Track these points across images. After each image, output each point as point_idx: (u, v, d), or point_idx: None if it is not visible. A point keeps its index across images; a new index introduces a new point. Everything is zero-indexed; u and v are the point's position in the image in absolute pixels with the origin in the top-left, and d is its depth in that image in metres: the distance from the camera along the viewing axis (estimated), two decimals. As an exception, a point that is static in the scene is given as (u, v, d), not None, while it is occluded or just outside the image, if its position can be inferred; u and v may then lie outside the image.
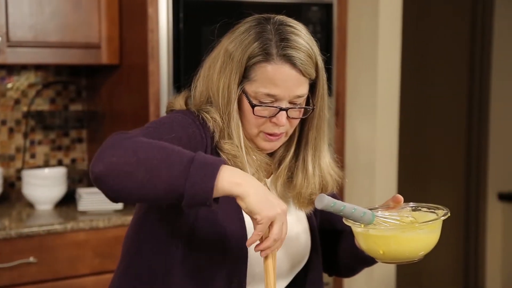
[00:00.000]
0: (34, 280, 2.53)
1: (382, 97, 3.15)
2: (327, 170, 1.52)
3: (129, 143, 1.26)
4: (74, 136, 3.18)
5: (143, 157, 1.23)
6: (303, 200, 1.49)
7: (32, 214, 2.73)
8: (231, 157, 1.41)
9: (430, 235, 1.37)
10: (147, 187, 1.23)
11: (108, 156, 1.26)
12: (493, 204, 4.26)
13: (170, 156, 1.24)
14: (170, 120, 1.41)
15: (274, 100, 1.41)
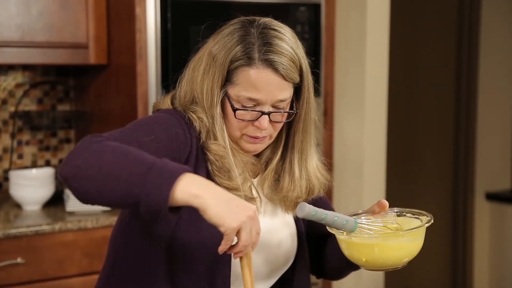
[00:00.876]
0: (22, 281, 2.52)
1: (370, 97, 3.16)
2: (314, 173, 1.52)
3: (97, 147, 1.25)
4: (62, 136, 3.17)
5: (106, 162, 1.23)
6: (289, 203, 1.49)
7: (20, 214, 2.72)
8: (219, 158, 1.41)
9: (413, 243, 1.36)
10: (106, 193, 1.23)
11: (74, 159, 1.25)
12: (480, 204, 4.28)
13: (131, 162, 1.22)
14: (152, 120, 1.40)
15: (256, 104, 1.41)
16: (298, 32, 2.99)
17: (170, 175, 1.20)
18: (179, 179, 1.20)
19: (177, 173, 1.21)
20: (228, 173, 1.41)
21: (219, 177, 1.41)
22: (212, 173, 1.41)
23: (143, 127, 1.37)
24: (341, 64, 3.18)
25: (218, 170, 1.41)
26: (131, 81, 2.69)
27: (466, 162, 4.28)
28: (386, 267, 1.38)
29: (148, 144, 1.32)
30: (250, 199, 1.44)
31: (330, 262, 1.59)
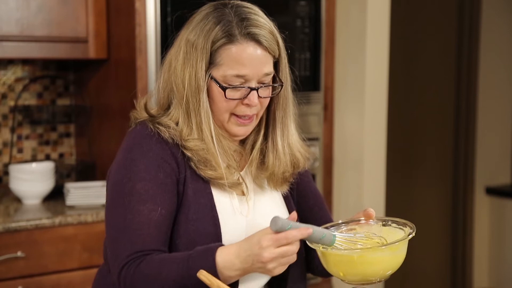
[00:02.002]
0: (22, 275, 2.52)
1: (371, 91, 3.16)
2: (297, 148, 1.53)
3: (140, 285, 1.34)
4: (62, 130, 3.17)
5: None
6: (277, 179, 1.51)
7: (20, 208, 2.72)
8: (195, 153, 1.41)
9: (393, 256, 1.34)
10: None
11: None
12: (480, 199, 4.29)
13: None
14: (138, 178, 1.40)
15: (244, 81, 1.42)
16: (298, 26, 2.99)
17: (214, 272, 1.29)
18: (222, 275, 1.31)
19: (213, 270, 1.30)
20: (209, 163, 1.42)
21: (203, 170, 1.42)
22: (195, 167, 1.42)
23: (140, 199, 1.38)
24: (341, 59, 3.18)
25: (199, 163, 1.42)
26: (131, 75, 2.68)
27: (466, 157, 4.28)
28: (365, 281, 1.37)
29: (160, 217, 1.38)
30: (237, 184, 1.45)
31: (315, 264, 1.58)
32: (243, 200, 1.48)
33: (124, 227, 1.37)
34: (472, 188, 4.27)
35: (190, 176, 1.42)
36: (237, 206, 1.46)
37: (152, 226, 1.36)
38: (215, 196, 1.44)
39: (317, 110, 3.10)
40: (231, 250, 1.32)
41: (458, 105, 4.27)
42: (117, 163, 1.44)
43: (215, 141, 1.43)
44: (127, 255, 1.35)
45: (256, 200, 1.50)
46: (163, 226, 1.37)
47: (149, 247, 1.35)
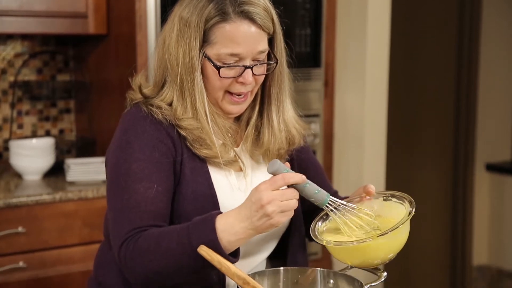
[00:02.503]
0: (23, 250, 2.53)
1: (371, 68, 3.15)
2: (292, 124, 1.53)
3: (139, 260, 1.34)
4: (62, 106, 3.17)
5: (158, 271, 1.33)
6: (272, 156, 1.51)
7: (20, 184, 2.73)
8: (190, 132, 1.41)
9: (393, 240, 1.34)
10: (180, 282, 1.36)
11: (136, 277, 1.37)
12: (480, 175, 4.29)
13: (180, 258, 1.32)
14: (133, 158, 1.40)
15: (238, 59, 1.41)
16: (299, 2, 2.97)
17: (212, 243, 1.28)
18: (221, 241, 1.29)
19: (214, 238, 1.29)
20: (204, 142, 1.42)
21: (198, 148, 1.42)
22: (191, 146, 1.42)
23: (135, 177, 1.38)
24: (342, 35, 3.16)
25: (194, 142, 1.42)
26: (131, 51, 2.67)
27: (466, 133, 4.28)
28: (368, 265, 1.37)
29: (157, 194, 1.38)
30: (233, 162, 1.45)
31: None
32: (240, 176, 1.48)
33: (121, 207, 1.38)
34: (472, 164, 4.28)
35: (187, 156, 1.42)
36: (234, 182, 1.46)
37: (149, 203, 1.36)
38: (212, 174, 1.44)
39: (317, 87, 3.09)
40: (230, 213, 1.33)
41: (459, 82, 4.25)
42: (113, 145, 1.44)
43: (209, 120, 1.42)
44: (125, 233, 1.35)
45: (253, 175, 1.50)
46: (160, 203, 1.37)
47: (147, 223, 1.36)
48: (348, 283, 1.33)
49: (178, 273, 1.33)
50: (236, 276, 1.25)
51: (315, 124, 3.11)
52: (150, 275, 1.34)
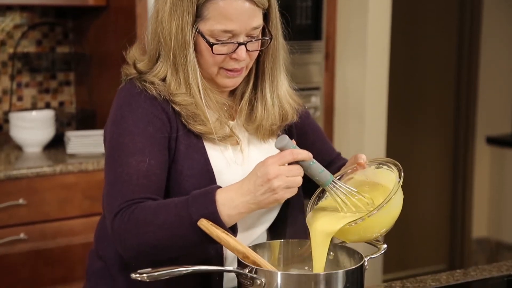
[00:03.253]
0: (24, 222, 2.54)
1: (373, 41, 3.13)
2: (286, 99, 1.51)
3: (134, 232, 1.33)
4: (62, 78, 3.16)
5: (154, 243, 1.32)
6: (264, 131, 1.50)
7: (21, 156, 2.73)
8: (184, 108, 1.40)
9: (385, 214, 1.33)
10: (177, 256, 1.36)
11: (128, 250, 1.36)
12: (481, 148, 4.29)
13: (176, 231, 1.31)
14: (127, 133, 1.39)
15: (231, 36, 1.39)
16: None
17: (213, 216, 1.28)
18: (220, 214, 1.28)
19: (214, 211, 1.28)
20: (198, 118, 1.41)
21: (192, 124, 1.41)
22: (185, 122, 1.41)
23: (128, 151, 1.38)
24: (344, 7, 3.14)
25: (188, 117, 1.42)
26: (131, 23, 2.65)
27: (467, 106, 4.27)
28: (366, 240, 1.37)
29: (150, 167, 1.37)
30: (228, 137, 1.44)
31: None
32: (237, 150, 1.47)
33: (114, 181, 1.37)
34: (472, 137, 4.28)
35: (183, 133, 1.42)
36: (231, 156, 1.46)
37: (141, 176, 1.35)
38: (208, 150, 1.43)
39: (318, 59, 3.08)
40: (231, 187, 1.32)
41: (460, 55, 4.24)
42: (109, 121, 1.44)
43: (202, 96, 1.41)
44: (118, 205, 1.35)
45: (251, 149, 1.50)
46: (152, 176, 1.36)
47: (139, 196, 1.35)
48: (348, 255, 1.34)
49: (174, 246, 1.33)
50: (236, 250, 1.25)
51: (315, 97, 3.11)
52: (144, 248, 1.33)
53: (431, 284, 1.61)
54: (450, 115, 4.31)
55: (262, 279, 1.20)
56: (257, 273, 1.20)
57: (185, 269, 1.21)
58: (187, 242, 1.31)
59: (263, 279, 1.20)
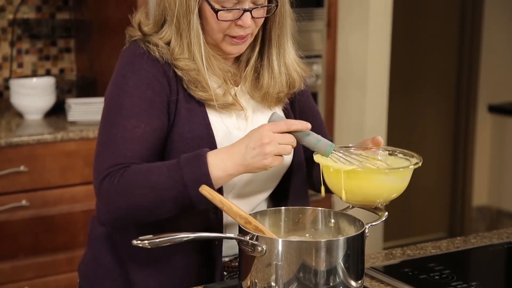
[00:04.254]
0: (26, 189, 2.55)
1: (375, 9, 3.11)
2: (293, 67, 1.50)
3: (123, 193, 1.33)
4: (62, 45, 3.14)
5: (142, 205, 1.33)
6: (271, 99, 1.49)
7: (22, 123, 2.72)
8: (186, 72, 1.40)
9: (394, 182, 1.33)
10: (161, 219, 1.37)
11: (114, 213, 1.37)
12: (483, 116, 4.28)
13: (165, 193, 1.31)
14: (126, 94, 1.39)
15: (237, 2, 1.38)
16: None
17: (204, 178, 1.30)
18: (211, 175, 1.30)
19: (206, 172, 1.30)
20: (200, 84, 1.40)
21: (193, 90, 1.41)
22: (187, 87, 1.41)
23: (126, 114, 1.38)
24: (346, -27, 3.11)
25: (190, 83, 1.41)
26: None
27: (469, 74, 4.25)
28: (367, 203, 1.36)
29: (144, 133, 1.37)
30: (230, 105, 1.44)
31: (315, 183, 1.59)
32: (241, 116, 1.47)
33: (106, 141, 1.37)
34: (474, 105, 4.26)
35: (183, 96, 1.41)
36: (234, 122, 1.46)
37: (135, 141, 1.35)
38: (210, 115, 1.43)
39: (320, 27, 3.06)
40: (222, 149, 1.34)
41: (463, 23, 4.21)
42: (110, 81, 1.44)
43: (205, 63, 1.40)
44: (107, 167, 1.35)
45: (254, 116, 1.49)
46: (146, 143, 1.36)
47: (130, 160, 1.35)
48: (349, 222, 1.34)
49: (163, 209, 1.33)
50: (238, 215, 1.25)
51: (317, 65, 3.09)
52: (133, 210, 1.34)
53: (431, 251, 1.62)
54: (452, 83, 4.30)
55: (263, 246, 1.20)
56: (258, 240, 1.21)
57: (186, 236, 1.22)
58: (178, 204, 1.32)
59: (264, 246, 1.20)
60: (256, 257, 1.21)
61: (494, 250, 1.63)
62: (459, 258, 1.60)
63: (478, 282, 1.41)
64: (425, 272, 1.46)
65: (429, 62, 4.20)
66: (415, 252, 1.61)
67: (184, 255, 1.43)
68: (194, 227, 1.40)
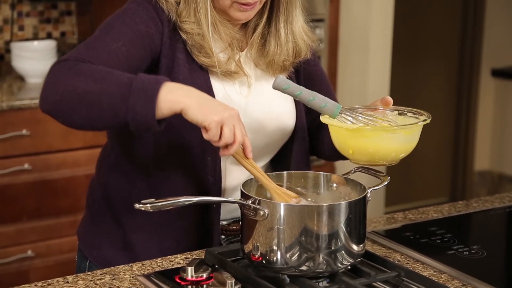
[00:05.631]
0: (28, 152, 2.55)
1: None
2: (300, 36, 1.49)
3: (70, 77, 1.26)
4: (63, 8, 3.11)
5: (83, 92, 1.25)
6: (276, 67, 1.48)
7: (23, 87, 2.72)
8: (191, 36, 1.39)
9: (404, 140, 1.32)
10: (94, 121, 1.27)
11: (52, 94, 1.28)
12: (486, 80, 4.27)
13: (109, 87, 1.24)
14: (119, 20, 1.38)
15: None
16: None
17: (151, 91, 1.22)
18: (160, 93, 1.22)
19: (157, 87, 1.22)
20: (203, 50, 1.39)
21: (196, 55, 1.40)
22: (190, 51, 1.40)
23: (111, 32, 1.35)
24: None
25: (193, 47, 1.40)
26: (132, -50, 2.59)
27: (473, 38, 4.22)
28: (374, 163, 1.35)
29: (118, 50, 1.33)
30: (233, 73, 1.43)
31: (324, 149, 1.58)
32: (243, 82, 1.46)
33: (85, 43, 1.36)
34: (478, 69, 4.25)
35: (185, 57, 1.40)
36: (236, 88, 1.45)
37: (105, 52, 1.33)
38: (212, 79, 1.42)
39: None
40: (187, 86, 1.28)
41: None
42: None
43: (210, 29, 1.39)
44: (70, 56, 1.32)
45: (257, 83, 1.48)
46: (115, 58, 1.33)
47: (96, 63, 1.32)
48: (351, 187, 1.34)
49: (98, 103, 1.25)
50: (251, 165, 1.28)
51: (320, 29, 3.07)
52: (69, 94, 1.26)
53: (433, 215, 1.62)
54: (455, 47, 4.27)
55: (265, 210, 1.20)
56: (260, 204, 1.21)
57: (188, 200, 1.22)
58: (115, 103, 1.24)
59: (266, 210, 1.20)
60: (258, 221, 1.21)
61: (495, 214, 1.64)
62: (460, 222, 1.60)
63: (479, 246, 1.42)
64: (426, 236, 1.46)
65: (433, 26, 4.17)
66: (417, 216, 1.62)
67: (183, 218, 1.43)
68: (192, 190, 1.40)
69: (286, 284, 1.22)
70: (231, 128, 1.23)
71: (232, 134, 1.23)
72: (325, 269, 1.21)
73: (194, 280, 1.21)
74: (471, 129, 4.32)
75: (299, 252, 1.20)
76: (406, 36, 3.99)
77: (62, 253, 2.65)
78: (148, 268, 1.31)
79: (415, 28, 4.12)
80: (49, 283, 1.24)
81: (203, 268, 1.22)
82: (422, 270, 1.32)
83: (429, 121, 1.35)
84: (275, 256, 1.21)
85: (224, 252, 1.31)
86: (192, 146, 1.40)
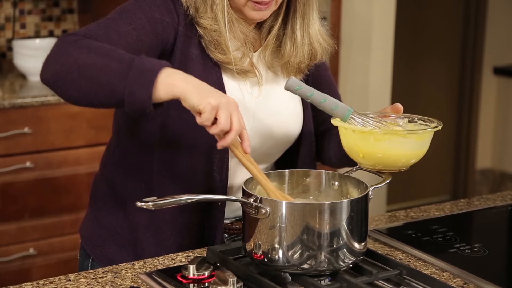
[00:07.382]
0: (30, 151, 2.55)
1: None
2: (316, 38, 1.48)
3: (73, 49, 1.26)
4: (65, 6, 3.11)
5: (84, 64, 1.24)
6: (291, 69, 1.47)
7: (25, 85, 2.72)
8: (208, 31, 1.38)
9: (415, 145, 1.32)
10: (90, 95, 1.26)
11: (53, 64, 1.28)
12: (488, 78, 4.26)
13: (110, 63, 1.23)
14: (135, 6, 1.37)
15: None
16: None
17: (150, 72, 1.21)
18: (159, 75, 1.21)
19: (157, 69, 1.21)
20: (219, 46, 1.39)
21: (212, 51, 1.39)
22: (206, 47, 1.39)
23: (124, 15, 1.35)
24: None
25: (210, 44, 1.39)
26: None
27: (475, 37, 4.22)
28: (384, 169, 1.34)
29: (128, 33, 1.32)
30: (247, 71, 1.42)
31: (329, 155, 1.57)
32: (254, 82, 1.46)
33: (98, 22, 1.35)
34: (480, 67, 4.24)
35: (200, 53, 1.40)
36: (247, 87, 1.45)
37: (115, 33, 1.32)
38: (224, 76, 1.42)
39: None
40: None
41: (470, -17, 4.16)
42: None
43: (227, 26, 1.39)
44: (78, 32, 1.31)
45: (268, 85, 1.48)
46: (123, 40, 1.32)
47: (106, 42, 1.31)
48: (353, 185, 1.34)
49: (97, 78, 1.24)
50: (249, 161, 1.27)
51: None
52: (68, 66, 1.25)
53: (435, 213, 1.62)
54: (457, 45, 4.27)
55: (267, 208, 1.20)
56: (261, 202, 1.21)
57: (190, 198, 1.22)
58: (114, 79, 1.22)
59: (268, 208, 1.20)
60: (259, 219, 1.21)
61: (497, 212, 1.64)
62: (462, 220, 1.60)
63: (481, 244, 1.42)
64: (428, 234, 1.46)
65: (434, 24, 4.16)
66: (419, 214, 1.61)
67: (186, 216, 1.43)
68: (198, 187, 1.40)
69: (288, 282, 1.22)
70: (227, 114, 1.20)
71: (229, 120, 1.20)
72: (327, 267, 1.21)
73: (196, 278, 1.21)
74: (473, 127, 4.32)
75: (301, 250, 1.20)
76: (407, 34, 3.99)
77: (64, 251, 2.65)
78: (150, 266, 1.31)
79: (417, 26, 4.11)
80: (51, 281, 1.24)
81: (205, 266, 1.22)
82: (424, 268, 1.32)
83: (440, 128, 1.34)
84: (277, 254, 1.21)
85: (226, 250, 1.31)
86: (200, 143, 1.40)
